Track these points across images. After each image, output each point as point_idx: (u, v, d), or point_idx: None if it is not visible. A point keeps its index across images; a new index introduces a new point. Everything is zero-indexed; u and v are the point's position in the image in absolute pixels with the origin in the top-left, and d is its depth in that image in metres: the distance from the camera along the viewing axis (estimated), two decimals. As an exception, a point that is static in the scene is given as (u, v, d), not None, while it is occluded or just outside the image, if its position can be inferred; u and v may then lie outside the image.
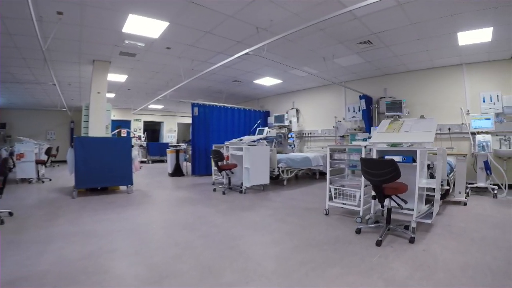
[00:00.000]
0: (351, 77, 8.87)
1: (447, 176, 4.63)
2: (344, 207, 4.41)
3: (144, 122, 17.21)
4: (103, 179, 6.12)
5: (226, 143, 7.37)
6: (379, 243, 3.12)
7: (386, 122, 4.34)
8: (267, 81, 9.64)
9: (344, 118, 9.31)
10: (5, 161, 4.02)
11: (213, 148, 7.24)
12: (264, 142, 7.13)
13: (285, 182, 7.61)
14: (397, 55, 6.71)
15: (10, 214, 4.31)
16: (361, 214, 4.07)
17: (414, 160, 3.55)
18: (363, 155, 4.10)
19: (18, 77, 8.55)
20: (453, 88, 7.19)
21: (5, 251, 2.92)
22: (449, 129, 7.08)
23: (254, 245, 3.22)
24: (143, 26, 5.23)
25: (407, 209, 3.64)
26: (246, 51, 5.22)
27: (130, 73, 8.50)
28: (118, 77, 8.81)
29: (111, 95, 11.63)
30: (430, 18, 4.79)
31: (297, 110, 10.97)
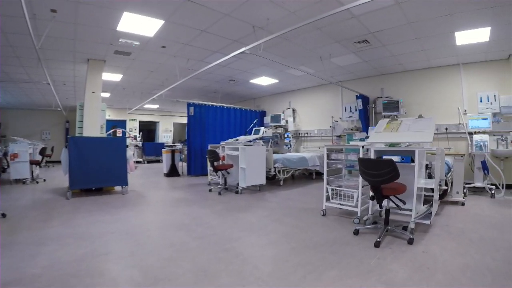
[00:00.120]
0: (348, 77, 8.85)
1: (445, 176, 4.61)
2: (342, 208, 4.38)
3: (140, 122, 17.13)
4: (98, 180, 6.04)
5: (222, 143, 7.32)
6: (378, 245, 3.08)
7: (384, 122, 4.30)
8: (264, 81, 9.60)
9: (341, 118, 9.28)
10: None
11: (209, 148, 7.19)
12: (260, 142, 7.07)
13: (282, 183, 7.57)
14: (394, 55, 6.69)
15: (3, 216, 4.22)
16: (359, 215, 4.04)
17: (413, 160, 3.52)
18: (361, 155, 4.06)
19: (13, 76, 8.45)
20: (450, 88, 7.20)
21: (-3, 254, 2.85)
22: (446, 129, 7.08)
23: (251, 247, 3.17)
24: (138, 25, 5.18)
25: (405, 210, 3.62)
26: (242, 50, 5.17)
27: (125, 72, 8.43)
28: (113, 76, 8.74)
29: (106, 95, 11.55)
30: (428, 18, 4.77)
31: (294, 110, 10.95)
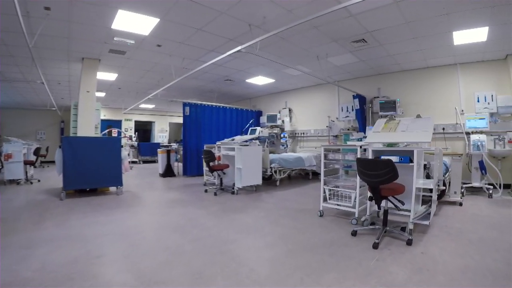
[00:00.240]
0: (345, 76, 8.81)
1: (443, 176, 4.58)
2: (339, 209, 4.33)
3: (135, 122, 17.02)
4: (92, 180, 5.95)
5: (218, 143, 7.26)
6: (376, 246, 3.03)
7: (382, 122, 4.26)
8: (260, 80, 9.54)
9: (338, 118, 9.24)
10: None
11: (205, 148, 7.12)
12: (257, 142, 7.02)
13: (278, 183, 7.52)
14: (391, 54, 6.66)
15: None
16: (357, 216, 3.99)
17: (411, 160, 3.48)
18: (359, 155, 4.02)
19: (7, 75, 8.32)
20: (447, 88, 7.18)
21: (-12, 257, 2.77)
22: (443, 129, 7.06)
23: (247, 249, 3.11)
24: (133, 23, 5.09)
25: (403, 210, 3.58)
26: (239, 48, 5.10)
27: (120, 72, 8.33)
28: (108, 76, 8.63)
29: (101, 94, 11.44)
30: (426, 17, 4.74)
31: (290, 110, 10.89)
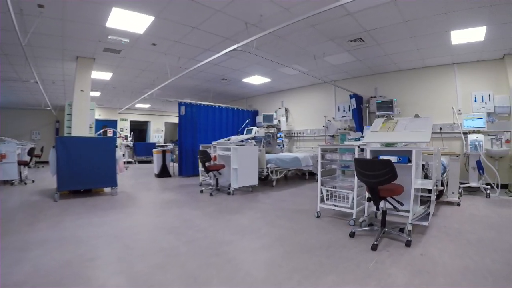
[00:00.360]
0: (342, 76, 8.78)
1: (441, 176, 4.55)
2: (336, 209, 4.28)
3: (131, 122, 16.87)
4: (86, 181, 5.85)
5: (214, 143, 7.19)
6: (375, 247, 2.98)
7: (380, 121, 4.21)
8: (256, 80, 9.48)
9: (334, 118, 9.20)
10: None
11: (200, 149, 7.05)
12: (253, 142, 6.95)
13: (274, 183, 7.46)
14: (389, 54, 6.63)
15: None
16: (355, 217, 3.94)
17: (409, 160, 3.44)
18: (356, 155, 3.97)
19: (1, 75, 8.18)
20: (445, 88, 7.17)
21: (-21, 260, 2.69)
22: (441, 129, 7.05)
23: (243, 252, 3.04)
24: (128, 21, 5.02)
25: (402, 211, 3.53)
26: (235, 47, 5.04)
27: (115, 71, 8.24)
28: (103, 75, 8.54)
29: (96, 94, 11.33)
30: (424, 16, 4.71)
31: (286, 110, 10.86)
